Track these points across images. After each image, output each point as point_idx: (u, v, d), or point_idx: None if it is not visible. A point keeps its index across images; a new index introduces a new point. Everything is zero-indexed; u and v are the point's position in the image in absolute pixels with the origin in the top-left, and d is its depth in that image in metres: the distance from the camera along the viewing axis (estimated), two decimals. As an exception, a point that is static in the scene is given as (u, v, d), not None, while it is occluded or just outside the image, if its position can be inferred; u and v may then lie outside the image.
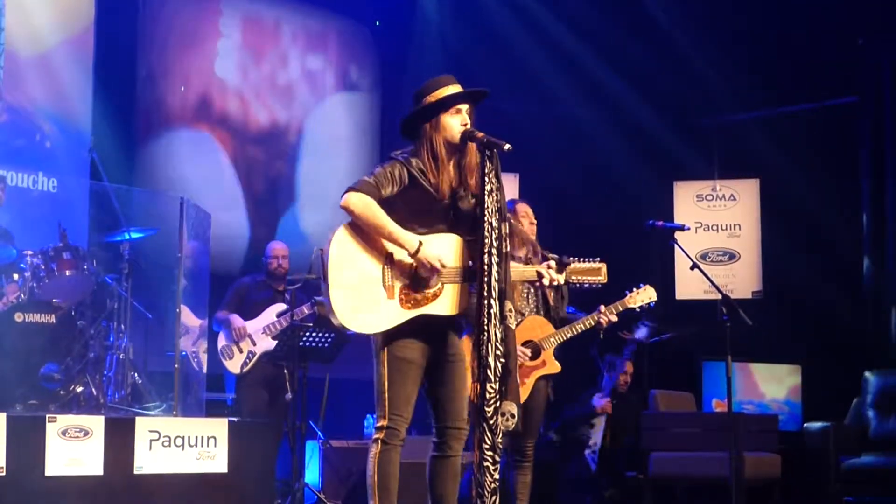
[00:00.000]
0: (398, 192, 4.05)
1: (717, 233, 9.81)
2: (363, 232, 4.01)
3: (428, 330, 4.07)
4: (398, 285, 4.01)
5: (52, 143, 7.97)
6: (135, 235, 6.87)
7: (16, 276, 6.29)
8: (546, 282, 4.30)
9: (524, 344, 5.45)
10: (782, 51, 9.26)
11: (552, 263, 4.35)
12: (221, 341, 7.21)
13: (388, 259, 4.02)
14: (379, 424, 4.04)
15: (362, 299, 3.96)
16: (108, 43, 8.30)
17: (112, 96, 8.28)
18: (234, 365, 7.17)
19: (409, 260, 4.01)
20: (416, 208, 4.07)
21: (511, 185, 9.43)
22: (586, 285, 4.47)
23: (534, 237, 5.63)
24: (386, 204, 4.01)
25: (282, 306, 7.26)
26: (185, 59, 9.01)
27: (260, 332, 7.19)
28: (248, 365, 7.13)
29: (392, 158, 4.12)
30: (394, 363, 4.02)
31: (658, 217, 5.86)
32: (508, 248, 4.00)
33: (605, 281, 4.49)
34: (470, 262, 4.05)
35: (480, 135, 4.00)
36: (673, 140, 9.82)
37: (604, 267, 4.49)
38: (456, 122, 4.08)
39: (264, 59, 9.50)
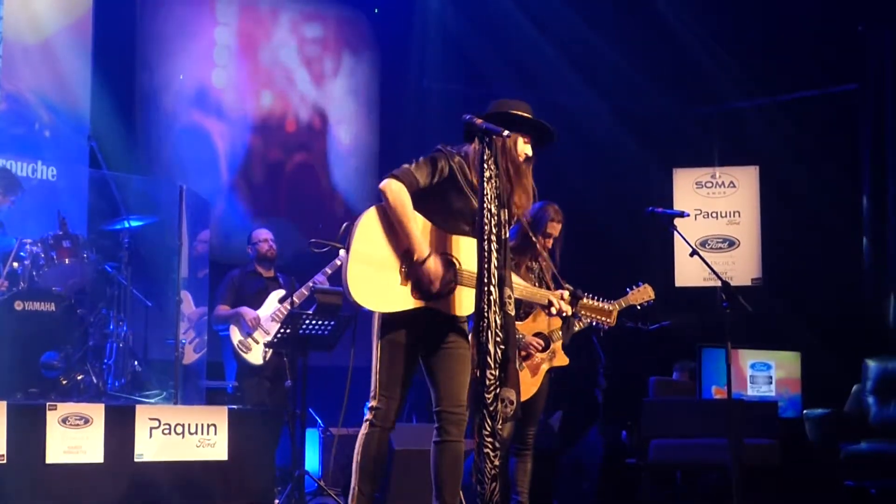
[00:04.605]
0: (436, 183, 4.09)
1: (717, 220, 9.80)
2: None
3: (430, 323, 4.10)
4: (413, 275, 4.05)
5: (52, 132, 7.96)
6: (134, 223, 6.87)
7: (16, 265, 6.28)
8: (554, 311, 4.33)
9: (535, 336, 5.49)
10: (782, 37, 9.24)
11: (566, 295, 4.37)
12: (236, 336, 7.10)
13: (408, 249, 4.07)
14: (370, 405, 4.12)
15: (376, 278, 4.02)
16: (106, 31, 8.29)
17: (111, 84, 8.26)
18: (255, 356, 7.07)
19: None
20: (447, 205, 4.12)
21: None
22: (594, 323, 4.54)
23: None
24: (421, 194, 4.05)
25: (282, 292, 7.23)
26: (183, 46, 9.00)
27: (269, 321, 7.14)
28: (268, 354, 7.07)
29: (438, 150, 4.17)
30: (387, 346, 4.10)
31: (658, 204, 5.85)
32: (508, 237, 3.99)
33: (614, 324, 4.57)
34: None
35: (479, 121, 3.99)
36: (673, 127, 9.82)
37: (616, 311, 4.60)
38: (523, 148, 4.23)
39: (262, 47, 9.48)
